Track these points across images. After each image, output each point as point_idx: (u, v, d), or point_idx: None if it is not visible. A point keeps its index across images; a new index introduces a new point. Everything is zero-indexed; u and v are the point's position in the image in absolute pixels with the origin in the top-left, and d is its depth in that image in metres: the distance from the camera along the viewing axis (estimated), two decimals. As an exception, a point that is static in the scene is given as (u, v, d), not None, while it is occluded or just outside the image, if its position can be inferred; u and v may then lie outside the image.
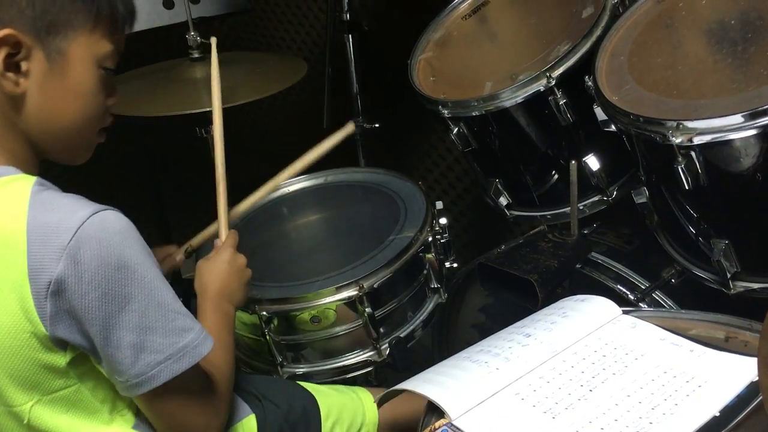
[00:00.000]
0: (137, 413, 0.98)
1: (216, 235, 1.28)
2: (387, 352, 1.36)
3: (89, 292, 0.84)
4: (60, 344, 0.87)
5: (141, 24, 1.83)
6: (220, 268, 1.18)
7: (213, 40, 1.33)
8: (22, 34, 0.88)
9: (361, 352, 1.37)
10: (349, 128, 1.42)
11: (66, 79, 0.93)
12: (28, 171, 0.93)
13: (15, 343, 0.86)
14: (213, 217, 1.40)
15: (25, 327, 0.85)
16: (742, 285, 1.14)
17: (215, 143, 1.31)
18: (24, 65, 0.89)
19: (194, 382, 0.97)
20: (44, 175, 0.94)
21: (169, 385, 0.90)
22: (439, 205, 1.48)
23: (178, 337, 0.91)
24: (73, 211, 0.85)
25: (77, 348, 0.88)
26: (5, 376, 0.88)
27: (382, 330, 1.35)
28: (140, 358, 0.88)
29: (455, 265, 1.49)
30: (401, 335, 1.38)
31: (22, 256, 0.82)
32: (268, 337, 1.33)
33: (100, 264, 0.84)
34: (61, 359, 0.88)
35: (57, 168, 1.03)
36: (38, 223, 0.84)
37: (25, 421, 0.90)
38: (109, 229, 0.86)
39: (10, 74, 0.89)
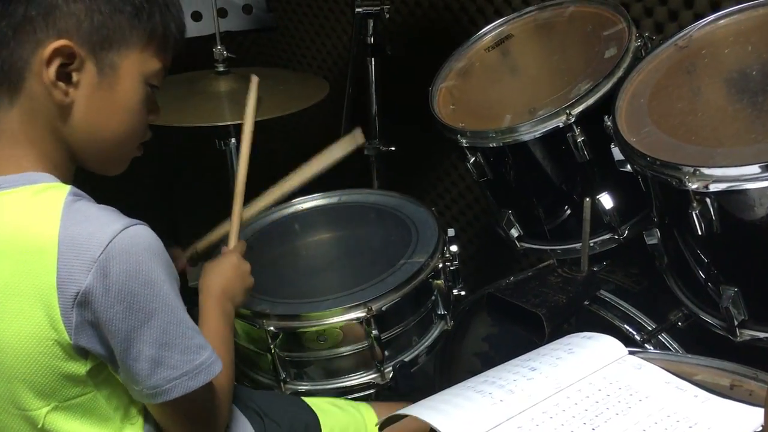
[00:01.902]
0: (146, 421, 0.99)
1: (223, 241, 1.29)
2: (390, 375, 1.36)
3: (114, 305, 0.85)
4: (82, 353, 0.88)
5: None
6: (226, 268, 1.20)
7: (254, 79, 1.35)
8: (77, 46, 0.90)
9: (365, 374, 1.37)
10: (357, 138, 1.42)
11: (114, 93, 0.94)
12: (63, 178, 0.94)
13: (37, 350, 0.87)
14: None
15: (49, 335, 0.86)
16: (748, 333, 1.14)
17: (240, 159, 1.33)
18: (75, 76, 0.91)
19: (204, 396, 0.98)
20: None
21: (183, 398, 0.92)
22: (451, 232, 1.49)
23: (195, 355, 0.93)
24: (106, 224, 0.86)
25: (97, 357, 0.89)
26: (23, 381, 0.89)
27: (386, 353, 1.35)
28: (157, 372, 0.89)
29: (463, 293, 1.50)
30: (405, 359, 1.38)
31: (52, 265, 0.84)
32: (273, 353, 1.33)
33: (128, 279, 0.85)
34: (81, 368, 0.89)
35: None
36: (70, 234, 0.85)
37: (39, 426, 0.91)
38: (139, 245, 0.87)
39: (61, 84, 0.90)
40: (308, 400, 1.27)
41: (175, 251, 1.31)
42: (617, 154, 1.20)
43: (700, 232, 1.05)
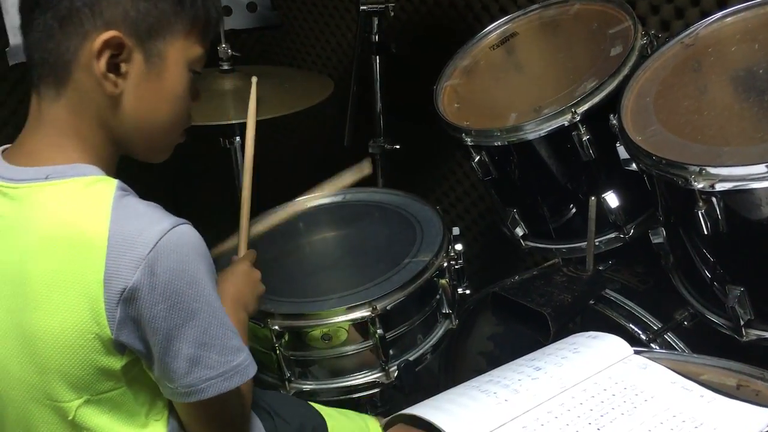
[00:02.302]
0: (170, 418, 1.00)
1: (233, 251, 1.30)
2: (395, 374, 1.36)
3: (159, 302, 0.85)
4: (120, 348, 0.88)
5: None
6: (237, 277, 1.20)
7: (254, 80, 1.35)
8: (125, 36, 0.90)
9: (369, 373, 1.37)
10: (365, 170, 1.43)
11: (161, 82, 0.95)
12: (108, 170, 0.95)
13: (77, 343, 0.87)
14: (226, 223, 1.41)
15: (91, 328, 0.86)
16: (755, 333, 1.14)
17: (245, 167, 1.34)
18: (124, 67, 0.91)
19: (234, 399, 0.99)
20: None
21: (214, 399, 0.92)
22: (456, 231, 1.48)
23: (233, 356, 0.93)
24: (155, 222, 0.87)
25: (134, 353, 0.90)
26: (59, 372, 0.89)
27: (391, 352, 1.35)
28: (193, 371, 0.90)
29: (468, 291, 1.50)
30: (410, 358, 1.38)
31: (100, 260, 0.84)
32: (278, 352, 1.33)
33: (174, 277, 0.86)
34: (117, 363, 0.89)
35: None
36: (120, 230, 0.85)
37: (69, 418, 0.91)
38: (186, 244, 0.88)
39: (111, 75, 0.91)
40: (315, 405, 1.27)
41: None
42: (623, 152, 1.19)
43: (705, 232, 1.05)
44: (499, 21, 1.66)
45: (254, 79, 1.35)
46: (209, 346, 0.90)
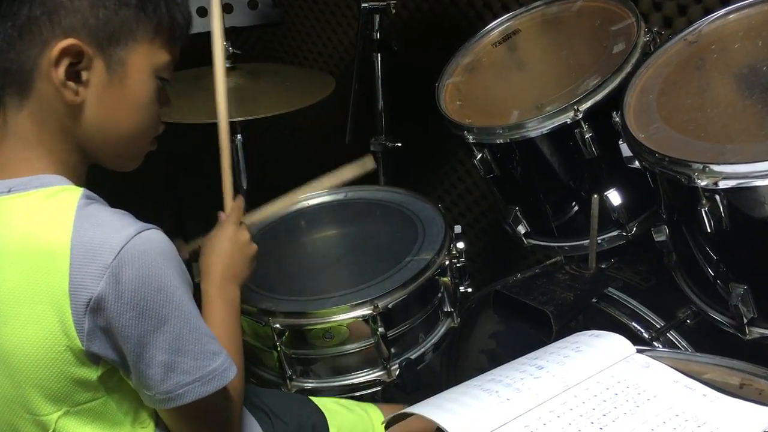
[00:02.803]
0: (157, 426, 0.99)
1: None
2: (396, 372, 1.36)
3: (127, 311, 0.85)
4: (93, 359, 0.88)
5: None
6: (223, 246, 1.17)
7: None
8: (85, 44, 0.89)
9: (371, 371, 1.37)
10: (368, 165, 1.42)
11: (124, 89, 0.94)
12: (76, 179, 0.94)
13: (49, 356, 0.86)
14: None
15: (61, 341, 0.85)
16: (758, 331, 1.13)
17: (218, 106, 1.30)
18: (85, 75, 0.90)
19: (217, 401, 0.98)
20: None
21: (195, 404, 0.91)
22: (458, 229, 1.48)
23: (208, 361, 0.92)
24: (118, 229, 0.86)
25: (109, 363, 0.89)
26: (34, 386, 0.88)
27: (393, 350, 1.35)
28: (169, 377, 0.89)
29: (469, 289, 1.49)
30: (412, 357, 1.38)
31: (64, 271, 0.83)
32: (279, 350, 1.33)
33: (141, 284, 0.85)
34: (92, 373, 0.88)
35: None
36: (82, 239, 0.84)
37: (50, 430, 0.90)
38: (151, 250, 0.87)
39: (71, 83, 0.89)
40: (315, 399, 1.27)
41: (178, 242, 1.30)
42: (625, 150, 1.19)
43: (709, 230, 1.04)
44: (501, 18, 1.66)
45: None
46: (183, 351, 0.89)
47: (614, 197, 1.36)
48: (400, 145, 1.99)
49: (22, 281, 0.85)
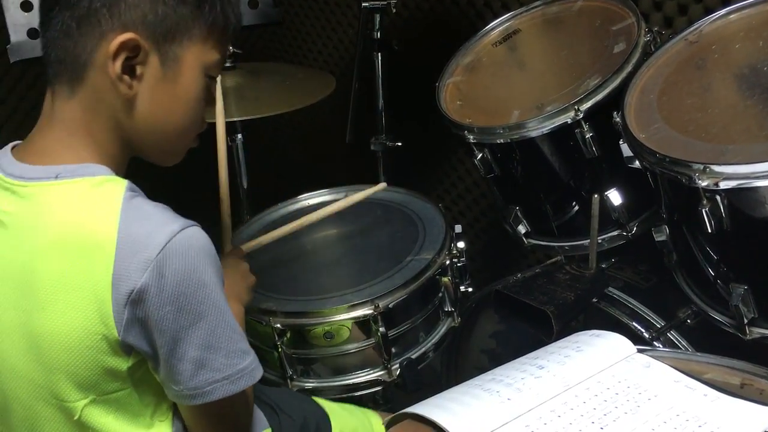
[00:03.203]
0: (174, 421, 1.00)
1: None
2: (397, 372, 1.36)
3: (167, 304, 0.85)
4: (126, 349, 0.88)
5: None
6: (224, 271, 1.19)
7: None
8: (142, 39, 0.90)
9: (372, 371, 1.37)
10: (380, 187, 1.44)
11: (176, 86, 0.95)
12: (118, 170, 0.95)
13: (84, 343, 0.87)
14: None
15: (98, 329, 0.86)
16: (758, 331, 1.13)
17: (219, 163, 1.33)
18: (139, 69, 0.91)
19: (239, 401, 0.98)
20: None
21: (219, 402, 0.92)
22: (458, 228, 1.48)
23: (239, 359, 0.93)
24: (163, 224, 0.86)
25: (140, 354, 0.90)
26: (65, 373, 0.89)
27: (393, 350, 1.35)
28: (199, 373, 0.89)
29: (470, 289, 1.49)
30: (412, 356, 1.38)
31: (109, 261, 0.84)
32: (280, 350, 1.33)
33: (183, 280, 0.85)
34: (123, 364, 0.89)
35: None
36: (129, 232, 0.85)
37: (75, 418, 0.91)
38: (194, 246, 0.87)
39: (126, 77, 0.90)
40: (318, 400, 1.27)
41: None
42: (626, 150, 1.19)
43: (709, 230, 1.04)
44: (501, 18, 1.66)
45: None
46: (216, 348, 0.90)
47: (615, 197, 1.36)
48: (400, 144, 1.99)
49: (63, 268, 0.86)
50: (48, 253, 0.87)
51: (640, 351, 0.96)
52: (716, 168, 1.00)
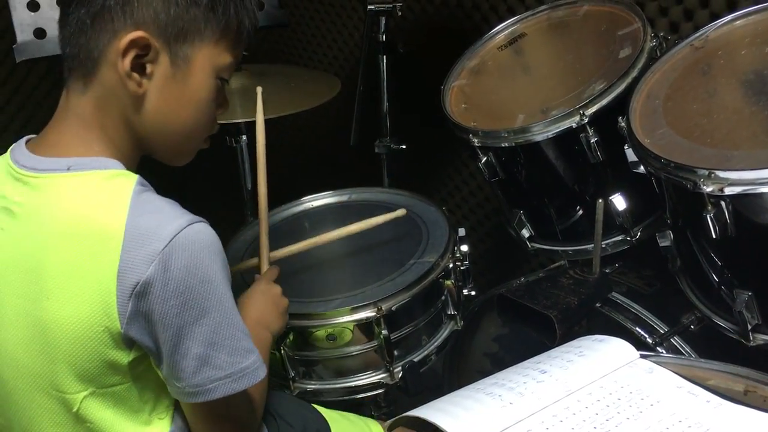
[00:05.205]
0: (175, 418, 1.00)
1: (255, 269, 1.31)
2: (399, 375, 1.35)
3: (171, 299, 0.85)
4: (128, 343, 0.89)
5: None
6: (256, 298, 1.20)
7: (259, 90, 1.34)
8: (153, 38, 0.91)
9: (374, 374, 1.36)
10: (399, 213, 1.43)
11: (185, 86, 0.96)
12: (129, 166, 0.96)
13: (86, 334, 0.87)
14: (233, 222, 1.40)
15: (101, 321, 0.86)
16: (762, 338, 1.13)
17: (259, 185, 1.34)
18: (149, 67, 0.92)
19: (242, 402, 0.99)
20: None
21: (221, 400, 0.92)
22: (462, 232, 1.48)
23: (242, 358, 0.93)
24: (172, 218, 0.87)
25: (142, 349, 0.90)
26: (67, 363, 0.89)
27: (396, 353, 1.35)
28: (202, 370, 0.90)
29: (473, 293, 1.49)
30: (415, 359, 1.37)
31: (115, 253, 0.84)
32: (282, 351, 1.33)
33: (188, 274, 0.86)
34: (124, 357, 0.89)
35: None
36: (137, 224, 0.85)
37: (74, 410, 0.91)
38: (201, 241, 0.88)
39: (135, 75, 0.92)
40: (318, 408, 1.26)
41: None
42: (631, 155, 1.19)
43: (714, 236, 1.04)
44: (507, 21, 1.66)
45: (259, 90, 1.34)
46: (219, 345, 0.90)
47: (619, 202, 1.36)
48: (404, 147, 1.99)
49: (71, 258, 0.86)
50: (56, 243, 0.87)
51: (643, 356, 0.96)
52: (721, 174, 1.00)
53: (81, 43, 0.92)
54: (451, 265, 1.41)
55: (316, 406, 1.26)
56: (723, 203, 1.01)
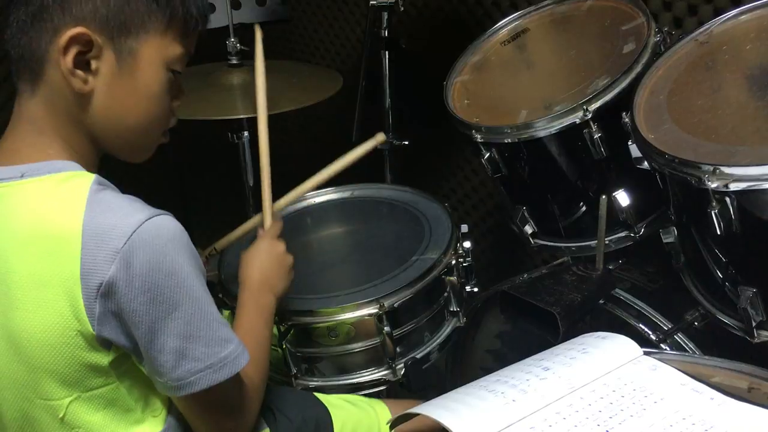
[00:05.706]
0: (169, 414, 1.00)
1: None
2: (402, 372, 1.35)
3: (138, 296, 0.85)
4: (105, 344, 0.88)
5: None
6: (259, 257, 1.19)
7: (257, 29, 1.31)
8: (95, 33, 0.89)
9: (376, 370, 1.36)
10: (379, 138, 1.41)
11: (134, 80, 0.94)
12: (88, 166, 0.94)
13: (60, 340, 0.86)
14: (236, 217, 1.40)
15: (72, 325, 0.85)
16: (766, 335, 1.12)
17: (260, 133, 1.33)
18: (94, 64, 0.91)
19: (230, 389, 0.98)
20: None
21: (206, 392, 0.91)
22: (464, 228, 1.48)
23: (220, 348, 0.92)
24: (129, 214, 0.86)
25: (120, 348, 0.89)
26: (46, 371, 0.88)
27: (398, 349, 1.35)
28: (181, 364, 0.89)
29: (476, 289, 1.49)
30: (417, 356, 1.37)
31: (75, 255, 0.83)
32: (284, 348, 1.33)
33: (151, 269, 0.85)
34: (104, 359, 0.89)
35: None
36: (94, 224, 0.84)
37: (60, 416, 0.91)
38: (162, 236, 0.87)
39: (79, 72, 0.90)
40: (320, 395, 1.26)
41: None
42: (635, 151, 1.18)
43: (718, 232, 1.04)
44: (510, 17, 1.65)
45: (258, 29, 1.31)
46: (195, 338, 0.90)
47: (623, 198, 1.35)
48: (407, 143, 1.99)
49: (33, 265, 0.86)
50: (18, 252, 0.86)
51: (646, 353, 0.95)
52: (726, 169, 0.99)
53: (23, 44, 0.90)
54: (453, 262, 1.41)
55: (318, 394, 1.26)
56: (728, 199, 1.01)
